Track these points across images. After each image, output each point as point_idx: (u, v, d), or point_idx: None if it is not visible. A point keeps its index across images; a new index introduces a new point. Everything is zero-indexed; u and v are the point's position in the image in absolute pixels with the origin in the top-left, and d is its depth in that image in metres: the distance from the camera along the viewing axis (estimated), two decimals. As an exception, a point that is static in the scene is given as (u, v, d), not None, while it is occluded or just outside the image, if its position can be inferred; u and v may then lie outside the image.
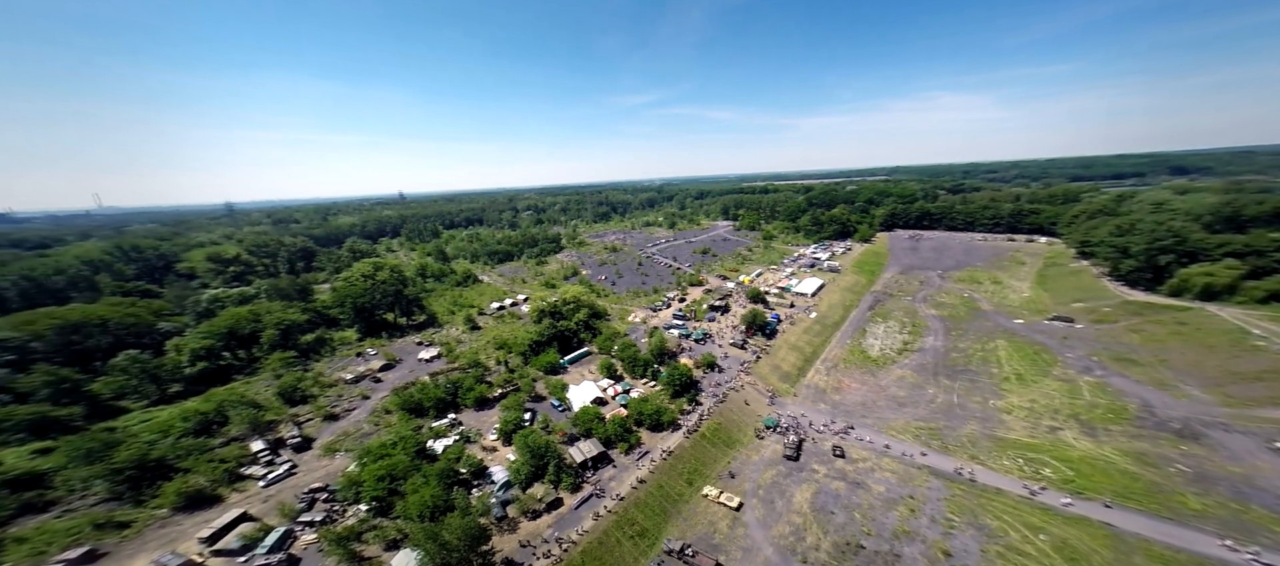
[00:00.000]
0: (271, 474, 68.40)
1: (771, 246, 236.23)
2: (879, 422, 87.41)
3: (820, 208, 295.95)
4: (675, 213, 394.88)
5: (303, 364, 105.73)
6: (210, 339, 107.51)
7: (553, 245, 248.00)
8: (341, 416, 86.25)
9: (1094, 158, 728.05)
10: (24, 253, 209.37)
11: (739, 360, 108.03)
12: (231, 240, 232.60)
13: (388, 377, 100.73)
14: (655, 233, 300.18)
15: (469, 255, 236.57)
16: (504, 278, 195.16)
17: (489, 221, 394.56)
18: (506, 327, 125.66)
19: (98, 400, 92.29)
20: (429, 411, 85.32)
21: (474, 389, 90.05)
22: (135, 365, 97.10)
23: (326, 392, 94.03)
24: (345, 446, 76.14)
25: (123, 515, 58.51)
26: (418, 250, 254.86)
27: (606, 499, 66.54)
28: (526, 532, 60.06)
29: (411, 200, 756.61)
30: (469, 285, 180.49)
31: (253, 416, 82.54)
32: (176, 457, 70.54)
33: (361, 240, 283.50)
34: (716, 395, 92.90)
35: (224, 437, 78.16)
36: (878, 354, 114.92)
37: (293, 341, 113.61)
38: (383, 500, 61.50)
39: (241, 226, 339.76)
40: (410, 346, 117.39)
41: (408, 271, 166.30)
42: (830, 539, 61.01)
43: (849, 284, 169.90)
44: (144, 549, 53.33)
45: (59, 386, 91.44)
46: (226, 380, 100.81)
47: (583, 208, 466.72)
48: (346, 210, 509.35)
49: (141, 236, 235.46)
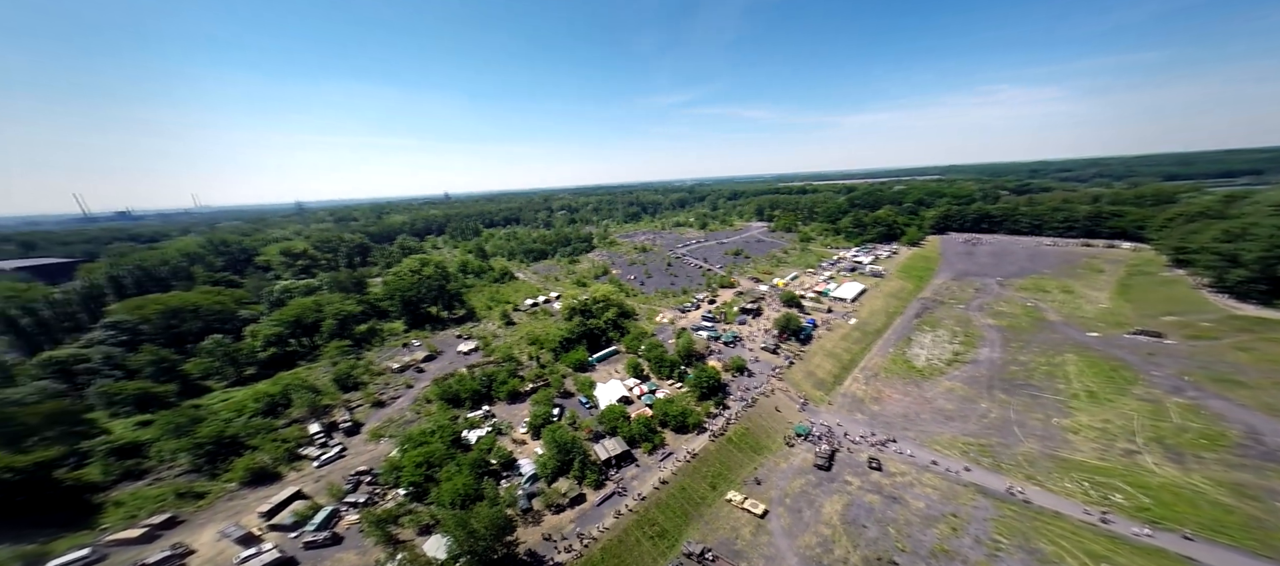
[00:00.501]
0: (324, 455, 73.59)
1: (808, 249, 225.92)
2: (922, 436, 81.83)
3: (863, 209, 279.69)
4: (707, 213, 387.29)
5: (356, 352, 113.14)
6: (280, 326, 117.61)
7: (584, 244, 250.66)
8: (387, 403, 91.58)
9: (1195, 153, 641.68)
10: (138, 245, 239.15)
11: (770, 365, 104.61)
12: (300, 236, 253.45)
13: (429, 368, 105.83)
14: (685, 233, 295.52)
15: (506, 253, 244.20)
16: (538, 275, 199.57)
17: (525, 220, 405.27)
18: (539, 324, 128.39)
19: (188, 379, 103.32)
20: (465, 402, 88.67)
21: (507, 382, 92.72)
22: (219, 348, 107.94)
23: (376, 380, 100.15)
24: (389, 432, 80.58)
25: (200, 486, 65.24)
26: (460, 247, 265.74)
27: (628, 497, 66.47)
28: (550, 526, 61.15)
29: (455, 200, 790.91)
30: (506, 282, 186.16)
31: (312, 400, 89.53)
32: (247, 436, 77.55)
33: (410, 238, 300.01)
34: (745, 399, 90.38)
35: (287, 419, 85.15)
36: (924, 364, 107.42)
37: (348, 331, 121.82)
38: (419, 486, 64.54)
39: (309, 224, 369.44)
40: (451, 339, 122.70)
41: (450, 267, 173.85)
42: (860, 553, 57.83)
43: (894, 290, 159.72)
44: (213, 519, 59.26)
45: (160, 365, 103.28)
46: (292, 365, 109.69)
47: (614, 208, 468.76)
48: (398, 209, 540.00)
49: (228, 232, 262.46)
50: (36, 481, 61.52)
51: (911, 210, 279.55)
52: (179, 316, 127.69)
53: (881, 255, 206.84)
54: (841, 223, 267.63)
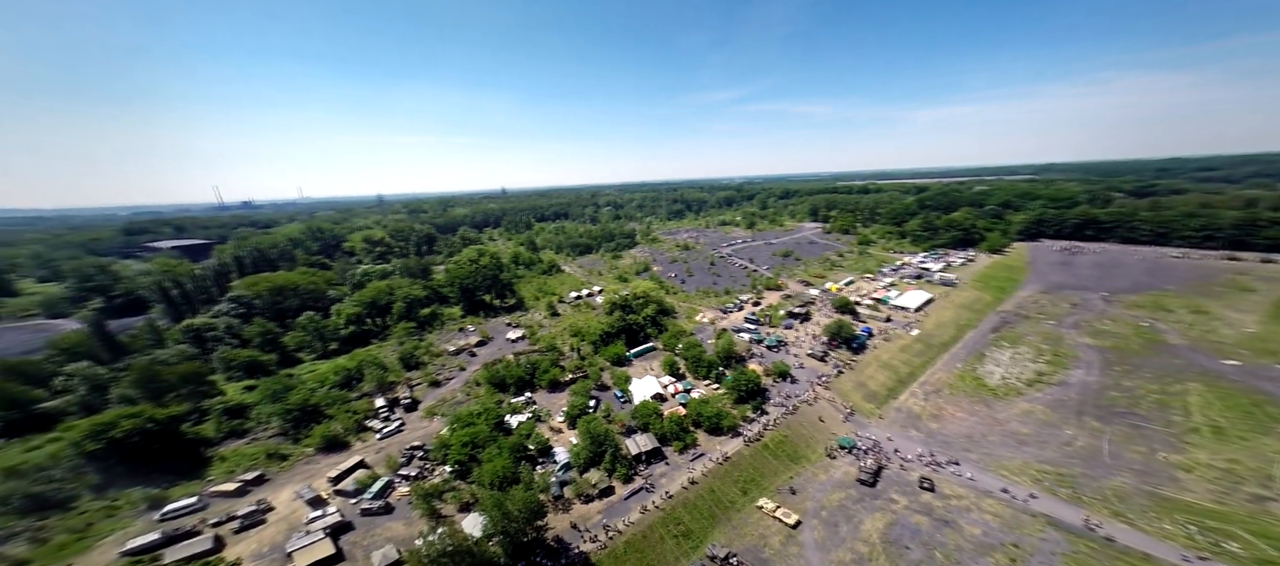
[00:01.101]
0: (386, 429, 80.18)
1: (868, 253, 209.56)
2: (987, 459, 74.15)
3: (935, 211, 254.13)
4: (755, 212, 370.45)
5: (419, 334, 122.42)
6: (359, 306, 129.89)
7: (627, 240, 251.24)
8: (443, 383, 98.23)
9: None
10: (256, 230, 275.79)
11: (816, 373, 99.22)
12: (379, 226, 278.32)
13: (481, 353, 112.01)
14: (731, 232, 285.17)
15: (555, 246, 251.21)
16: (583, 269, 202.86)
17: (573, 215, 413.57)
18: (581, 316, 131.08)
19: (285, 350, 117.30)
20: (510, 387, 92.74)
21: (549, 371, 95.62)
22: (311, 324, 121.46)
23: (434, 361, 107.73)
24: (442, 411, 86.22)
25: (284, 449, 74.13)
26: (513, 240, 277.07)
27: (655, 494, 66.27)
28: (578, 514, 62.54)
29: (511, 195, 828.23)
30: (553, 274, 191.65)
31: (380, 376, 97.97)
32: (326, 405, 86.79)
33: (470, 229, 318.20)
34: (786, 406, 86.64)
35: (358, 392, 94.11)
36: (998, 383, 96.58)
37: (414, 313, 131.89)
38: (464, 464, 68.29)
39: (387, 215, 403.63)
40: (501, 326, 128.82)
41: (504, 258, 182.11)
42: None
43: (967, 300, 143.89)
44: (292, 480, 67.07)
45: (266, 336, 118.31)
46: (366, 342, 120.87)
47: (658, 204, 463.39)
48: (461, 203, 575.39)
49: (323, 221, 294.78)
50: (168, 432, 73.16)
51: (994, 213, 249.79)
52: (282, 294, 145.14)
53: (954, 262, 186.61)
54: (908, 225, 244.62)
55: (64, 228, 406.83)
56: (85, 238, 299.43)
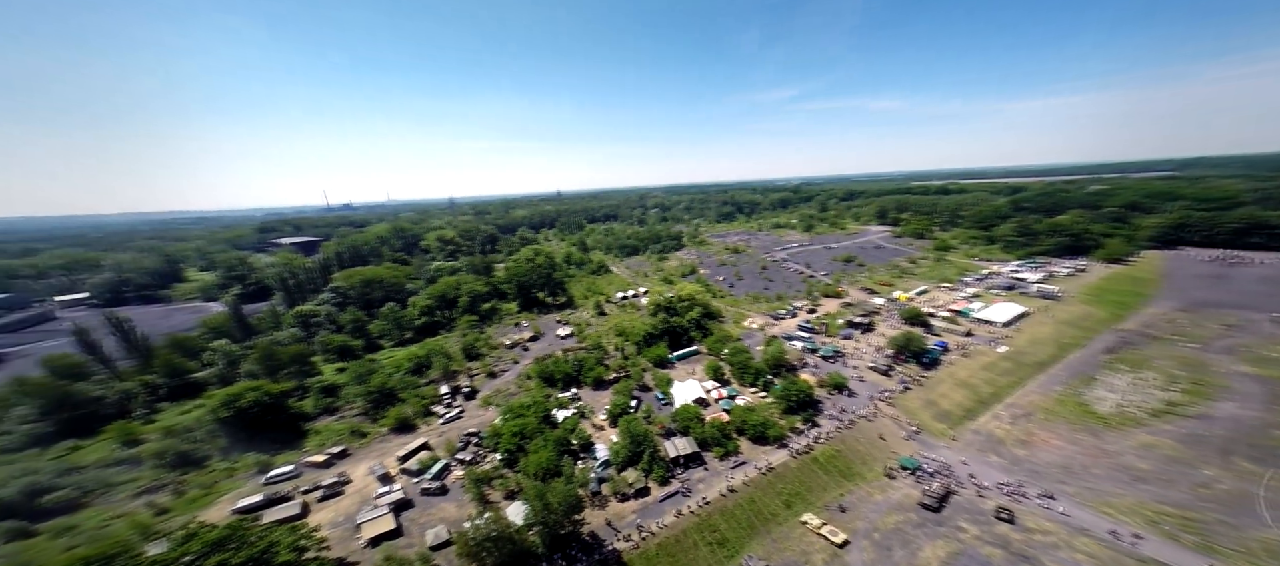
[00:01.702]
0: (448, 414, 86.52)
1: (946, 259, 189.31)
2: (1088, 493, 64.89)
3: (1034, 213, 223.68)
4: (813, 215, 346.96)
5: (480, 327, 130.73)
6: (431, 300, 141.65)
7: (674, 243, 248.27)
8: (498, 375, 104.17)
9: None
10: (352, 229, 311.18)
11: (878, 387, 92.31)
12: (450, 226, 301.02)
13: (534, 348, 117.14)
14: (786, 235, 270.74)
15: (604, 247, 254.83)
16: (630, 270, 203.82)
17: (622, 217, 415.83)
18: (627, 317, 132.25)
19: (370, 337, 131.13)
20: (558, 382, 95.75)
21: (594, 369, 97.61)
22: (391, 314, 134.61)
23: (492, 353, 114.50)
24: (496, 401, 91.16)
25: (364, 427, 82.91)
26: (566, 240, 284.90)
27: (692, 499, 65.26)
28: (613, 512, 63.37)
29: (566, 197, 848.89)
30: (601, 274, 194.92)
31: (445, 365, 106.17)
32: (400, 389, 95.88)
33: (528, 230, 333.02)
34: (841, 420, 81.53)
35: (427, 379, 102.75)
36: (1111, 411, 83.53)
37: (476, 308, 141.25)
38: (512, 453, 71.40)
39: (457, 216, 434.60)
40: (552, 323, 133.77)
41: (557, 258, 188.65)
42: (960, 611, 48.33)
43: (1073, 316, 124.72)
44: (368, 457, 74.71)
45: (357, 324, 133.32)
46: (435, 333, 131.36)
47: (706, 206, 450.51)
48: (521, 205, 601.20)
49: (404, 221, 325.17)
50: (277, 406, 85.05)
51: (1116, 217, 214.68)
52: (371, 286, 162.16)
53: (1059, 272, 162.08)
54: (999, 230, 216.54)
55: (219, 227, 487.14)
56: (232, 234, 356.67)
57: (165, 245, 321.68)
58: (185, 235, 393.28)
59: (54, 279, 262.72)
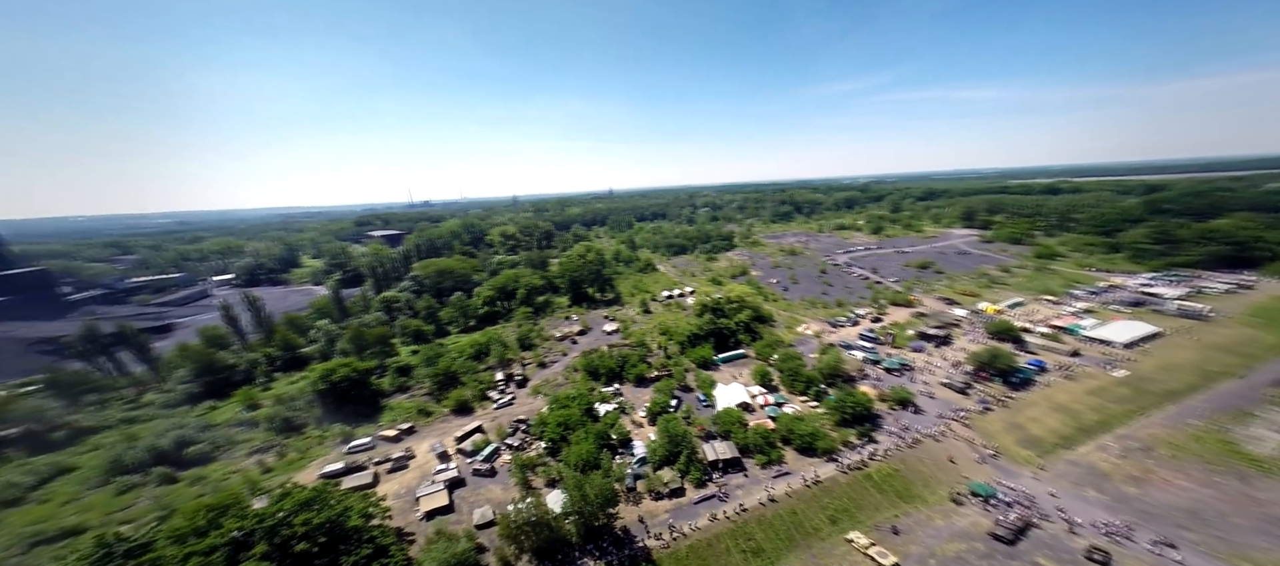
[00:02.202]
0: (501, 401, 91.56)
1: (1050, 269, 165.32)
2: (1223, 545, 55.01)
3: (1179, 217, 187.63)
4: (883, 216, 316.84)
5: (534, 319, 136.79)
6: (493, 291, 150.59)
7: (724, 243, 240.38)
8: (548, 366, 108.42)
9: None
10: (430, 224, 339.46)
11: (952, 406, 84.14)
12: (512, 222, 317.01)
13: (581, 341, 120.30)
14: (850, 238, 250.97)
15: (652, 246, 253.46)
16: (677, 269, 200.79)
17: (671, 216, 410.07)
18: (671, 316, 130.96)
19: (440, 323, 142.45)
20: (602, 377, 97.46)
21: (637, 366, 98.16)
22: (459, 303, 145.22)
23: (543, 344, 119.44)
24: (545, 391, 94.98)
25: (429, 407, 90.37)
26: (615, 238, 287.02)
27: (728, 504, 63.73)
28: (646, 510, 63.59)
29: (617, 195, 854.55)
30: (648, 273, 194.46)
31: (502, 353, 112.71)
32: (462, 374, 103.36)
33: (581, 227, 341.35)
34: (902, 438, 75.49)
35: (485, 365, 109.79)
36: (1272, 453, 69.75)
37: (532, 300, 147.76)
38: (556, 443, 73.91)
39: (518, 213, 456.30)
40: (599, 318, 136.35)
41: (607, 255, 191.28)
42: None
43: (1229, 340, 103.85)
44: (430, 434, 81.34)
45: (429, 311, 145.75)
46: (495, 322, 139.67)
47: (761, 206, 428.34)
48: (575, 203, 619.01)
49: (473, 217, 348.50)
50: (362, 382, 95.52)
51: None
52: (443, 276, 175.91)
53: (1211, 288, 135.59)
54: (1127, 236, 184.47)
55: (327, 220, 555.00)
56: (336, 227, 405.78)
57: (287, 236, 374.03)
58: (303, 227, 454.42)
59: (212, 262, 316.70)
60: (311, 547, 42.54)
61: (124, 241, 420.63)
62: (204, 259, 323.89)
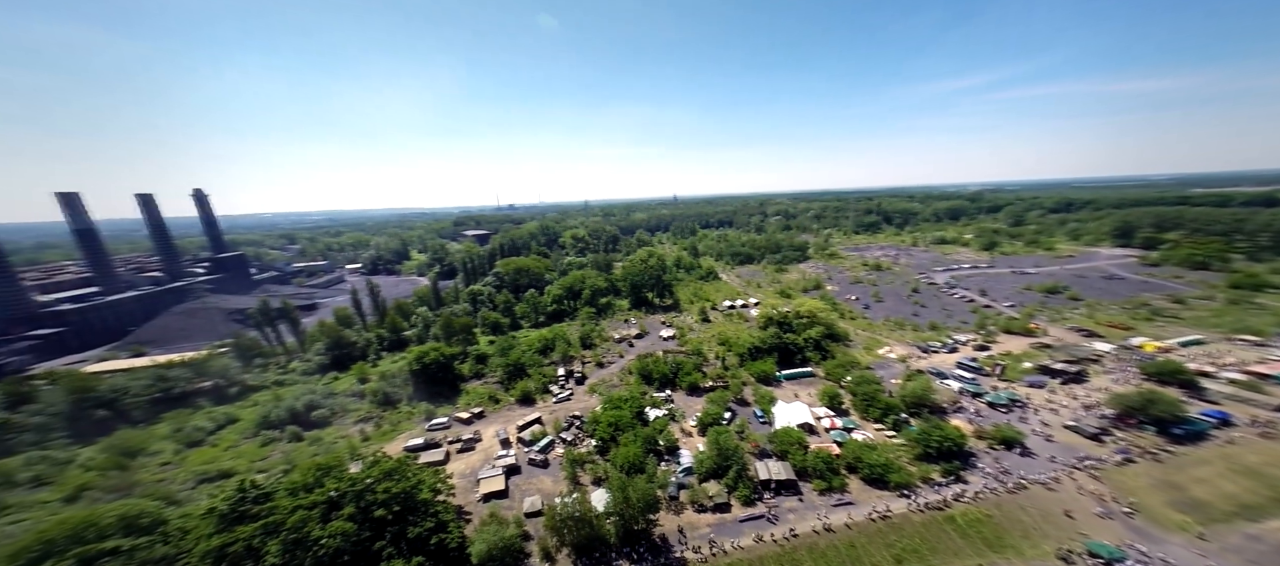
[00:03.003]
0: (560, 395, 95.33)
1: (1253, 302, 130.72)
2: None
3: None
4: (999, 229, 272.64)
5: (596, 319, 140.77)
6: (561, 290, 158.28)
7: (797, 253, 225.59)
8: (605, 366, 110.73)
9: None
10: (512, 226, 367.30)
11: (1076, 451, 71.24)
12: (582, 226, 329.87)
13: (638, 345, 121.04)
14: (954, 253, 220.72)
15: (715, 254, 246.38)
16: (741, 279, 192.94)
17: (738, 224, 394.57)
18: (732, 326, 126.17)
19: (515, 317, 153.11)
20: (655, 382, 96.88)
21: (691, 375, 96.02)
22: (532, 300, 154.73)
23: (603, 344, 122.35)
24: (600, 390, 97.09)
25: (498, 394, 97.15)
26: (678, 244, 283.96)
27: (777, 527, 59.71)
28: (687, 521, 61.82)
29: (681, 202, 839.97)
30: (710, 281, 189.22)
31: (565, 350, 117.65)
32: (529, 366, 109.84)
33: (645, 232, 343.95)
34: (1002, 480, 65.48)
35: (550, 360, 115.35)
36: None
37: (595, 301, 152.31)
38: (605, 442, 74.98)
39: (588, 217, 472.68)
40: (656, 323, 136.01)
41: (668, 261, 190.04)
42: None
43: None
44: (495, 421, 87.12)
45: (506, 305, 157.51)
46: (561, 319, 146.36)
47: (842, 215, 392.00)
48: (640, 208, 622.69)
49: (548, 220, 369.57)
50: (446, 366, 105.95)
51: None
52: (521, 274, 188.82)
53: None
54: None
55: (432, 220, 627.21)
56: (438, 226, 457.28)
57: (401, 233, 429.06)
58: (413, 226, 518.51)
59: (346, 253, 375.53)
60: (387, 514, 47.99)
61: (292, 233, 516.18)
62: (341, 250, 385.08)
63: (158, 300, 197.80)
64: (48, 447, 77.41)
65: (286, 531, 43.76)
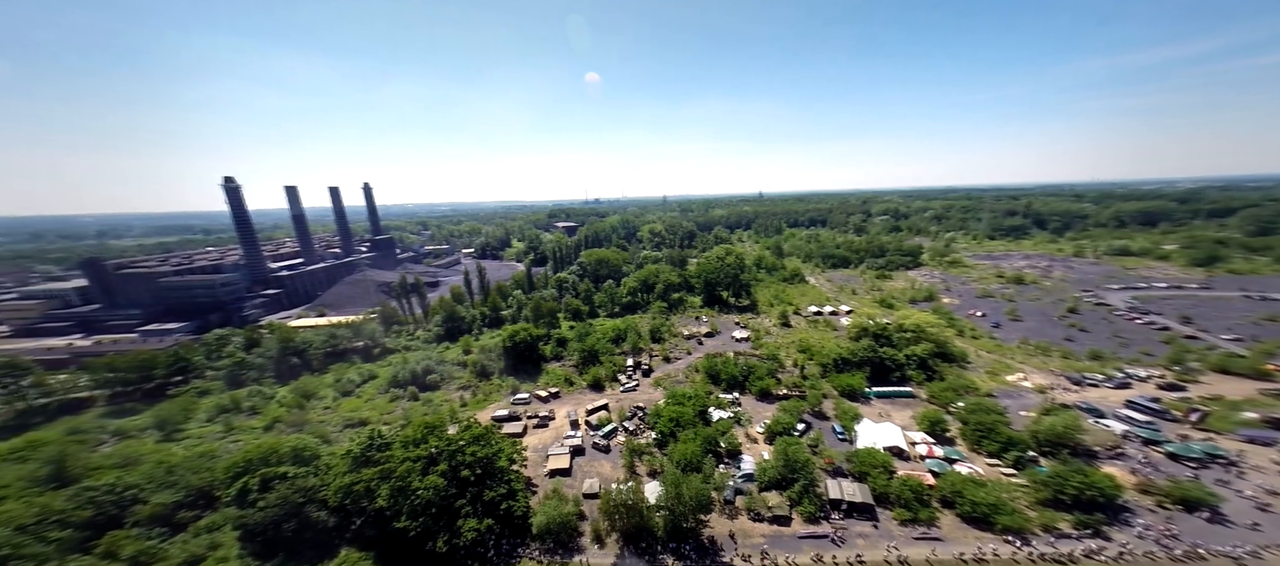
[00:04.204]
0: (627, 385, 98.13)
1: None
2: None
3: None
4: (1230, 238, 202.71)
5: (667, 314, 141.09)
6: (636, 283, 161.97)
7: (907, 259, 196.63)
8: (672, 361, 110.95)
9: None
10: (596, 219, 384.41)
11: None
12: (660, 221, 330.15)
13: (707, 343, 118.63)
14: (1143, 267, 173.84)
15: (803, 255, 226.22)
16: (832, 283, 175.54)
17: (833, 223, 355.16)
18: (816, 334, 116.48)
19: (593, 306, 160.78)
20: (722, 383, 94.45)
21: (763, 380, 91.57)
22: (609, 291, 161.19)
23: (672, 339, 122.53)
24: (665, 384, 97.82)
25: (573, 377, 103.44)
26: (760, 243, 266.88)
27: (844, 550, 54.94)
28: (740, 528, 59.69)
29: (767, 198, 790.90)
30: (794, 283, 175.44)
31: (635, 341, 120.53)
32: (602, 354, 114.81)
33: (723, 229, 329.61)
34: (1166, 545, 52.98)
35: (620, 350, 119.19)
36: None
37: (668, 296, 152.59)
38: (665, 436, 76.01)
39: (666, 212, 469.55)
40: (729, 323, 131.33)
41: (747, 260, 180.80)
42: None
43: None
44: (568, 402, 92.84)
45: (587, 294, 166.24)
46: (634, 311, 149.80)
47: (973, 216, 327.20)
48: (720, 205, 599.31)
49: (629, 215, 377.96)
50: (531, 346, 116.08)
51: None
52: (601, 265, 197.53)
53: None
54: None
55: (531, 212, 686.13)
56: (535, 218, 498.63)
57: (505, 222, 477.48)
58: (515, 217, 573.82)
59: (463, 239, 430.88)
60: (471, 475, 54.83)
61: (425, 221, 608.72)
62: (460, 236, 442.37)
63: (336, 272, 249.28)
64: (261, 384, 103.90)
65: (395, 479, 52.75)
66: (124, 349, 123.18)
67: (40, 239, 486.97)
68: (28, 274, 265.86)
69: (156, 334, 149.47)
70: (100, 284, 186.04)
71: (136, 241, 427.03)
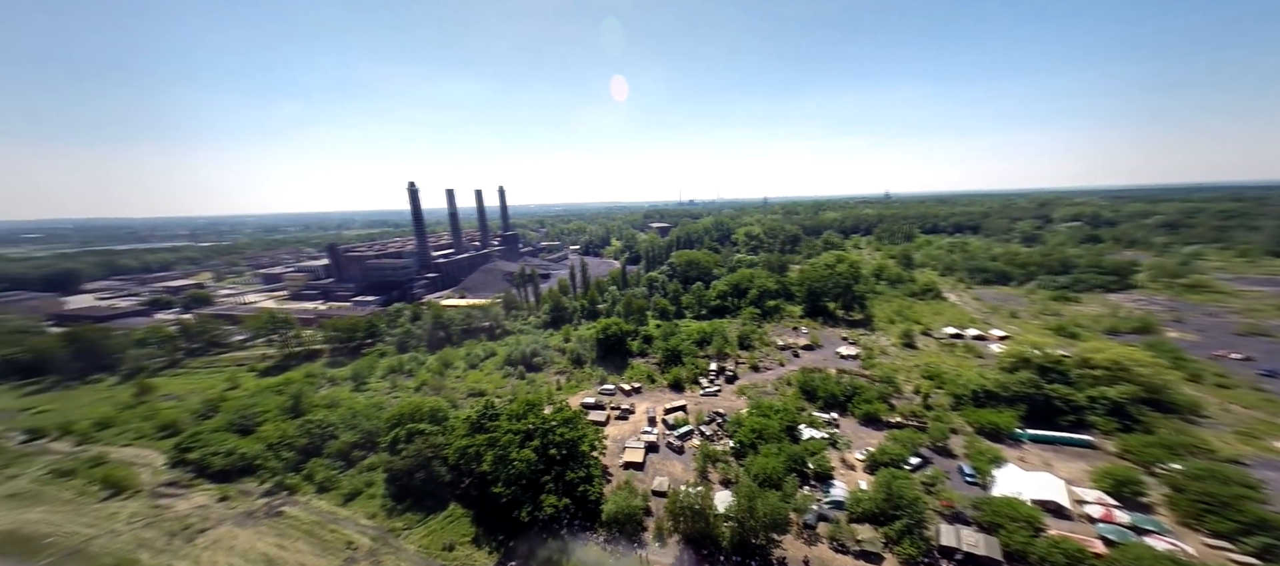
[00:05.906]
0: (708, 389, 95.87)
1: None
2: None
3: None
4: None
5: (759, 321, 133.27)
6: (727, 287, 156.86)
7: (1108, 278, 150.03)
8: (760, 370, 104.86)
9: None
10: (689, 220, 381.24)
11: None
12: (758, 223, 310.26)
13: (805, 356, 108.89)
14: None
15: (942, 267, 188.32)
16: (981, 302, 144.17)
17: (990, 230, 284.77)
18: (952, 359, 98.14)
19: (680, 306, 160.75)
20: (819, 401, 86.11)
21: (871, 403, 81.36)
22: (697, 293, 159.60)
23: (762, 348, 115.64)
24: (750, 393, 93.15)
25: (655, 375, 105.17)
26: (883, 250, 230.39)
27: None
28: (817, 555, 53.98)
29: (895, 200, 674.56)
30: (926, 299, 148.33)
31: (721, 345, 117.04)
32: (685, 355, 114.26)
33: (835, 234, 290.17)
34: None
35: (704, 353, 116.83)
36: None
37: (761, 302, 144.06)
38: (743, 447, 72.15)
39: (766, 214, 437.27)
40: (835, 338, 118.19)
41: (864, 269, 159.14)
42: None
43: None
44: (648, 399, 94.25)
45: (675, 294, 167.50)
46: (723, 315, 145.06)
47: (1245, 222, 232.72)
48: (834, 207, 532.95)
49: (723, 216, 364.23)
50: (620, 340, 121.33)
51: None
52: (691, 266, 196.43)
53: None
54: None
55: (628, 213, 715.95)
56: (631, 218, 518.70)
57: (607, 222, 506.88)
58: (614, 217, 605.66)
59: (571, 237, 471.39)
60: (557, 454, 60.16)
61: (542, 219, 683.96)
62: (569, 234, 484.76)
63: (475, 261, 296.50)
64: (418, 351, 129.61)
65: (498, 447, 60.79)
66: (342, 315, 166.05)
67: (276, 231, 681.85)
68: (299, 254, 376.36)
69: (363, 304, 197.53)
70: (335, 263, 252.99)
71: (355, 232, 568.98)
